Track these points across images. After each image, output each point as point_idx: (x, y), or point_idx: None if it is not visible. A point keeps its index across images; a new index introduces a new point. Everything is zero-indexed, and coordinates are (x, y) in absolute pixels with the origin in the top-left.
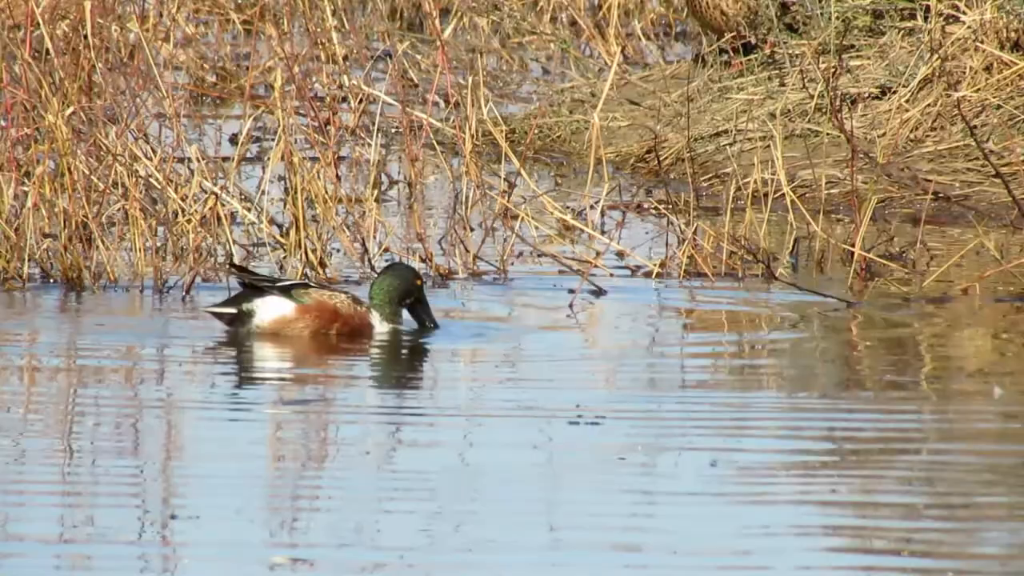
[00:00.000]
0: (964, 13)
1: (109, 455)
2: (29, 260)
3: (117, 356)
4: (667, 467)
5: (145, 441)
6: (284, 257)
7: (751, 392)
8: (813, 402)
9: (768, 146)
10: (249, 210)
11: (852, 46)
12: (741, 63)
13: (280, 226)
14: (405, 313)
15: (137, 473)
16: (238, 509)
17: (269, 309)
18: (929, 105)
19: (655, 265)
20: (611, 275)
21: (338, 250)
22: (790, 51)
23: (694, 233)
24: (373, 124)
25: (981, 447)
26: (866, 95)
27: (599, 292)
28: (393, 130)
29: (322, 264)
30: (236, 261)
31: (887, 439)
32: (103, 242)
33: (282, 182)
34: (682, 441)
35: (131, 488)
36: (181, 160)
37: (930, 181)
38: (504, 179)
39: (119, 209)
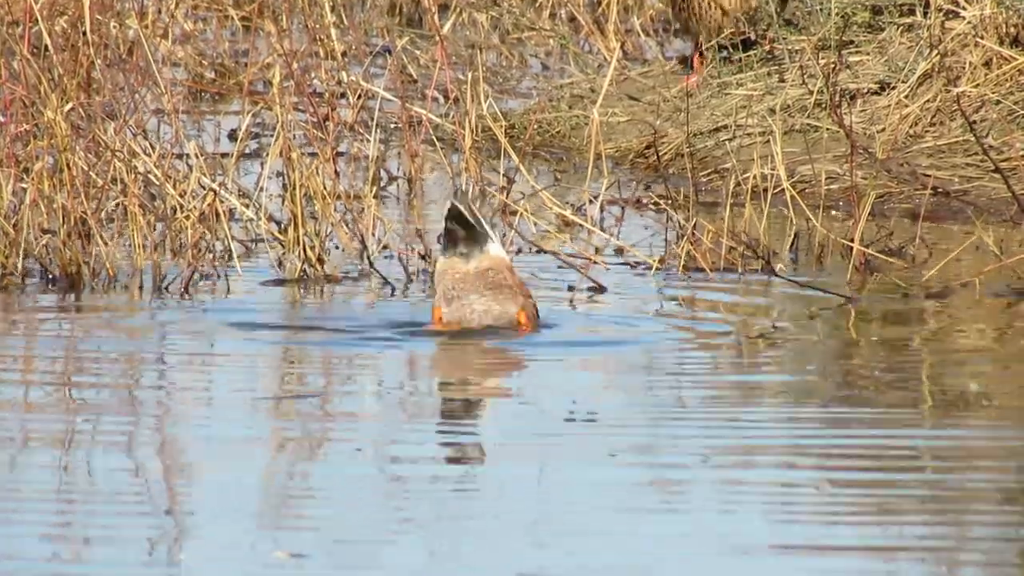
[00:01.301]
0: (964, 8)
1: (105, 454)
2: (27, 256)
3: (114, 355)
4: (661, 464)
5: (142, 440)
6: (283, 253)
7: (747, 387)
8: (810, 398)
9: (767, 142)
10: (247, 206)
11: (851, 42)
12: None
13: (279, 222)
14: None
15: (133, 472)
16: (235, 507)
17: (499, 249)
18: (928, 101)
19: (654, 260)
20: (607, 269)
21: (337, 247)
22: (790, 47)
23: (693, 228)
24: (372, 120)
25: (973, 439)
26: (865, 91)
27: (598, 287)
28: (392, 126)
29: (320, 261)
30: (235, 256)
31: (883, 435)
32: (102, 238)
33: (280, 178)
34: (676, 438)
35: (127, 487)
36: (180, 156)
37: (929, 176)
38: (503, 175)
39: (118, 205)
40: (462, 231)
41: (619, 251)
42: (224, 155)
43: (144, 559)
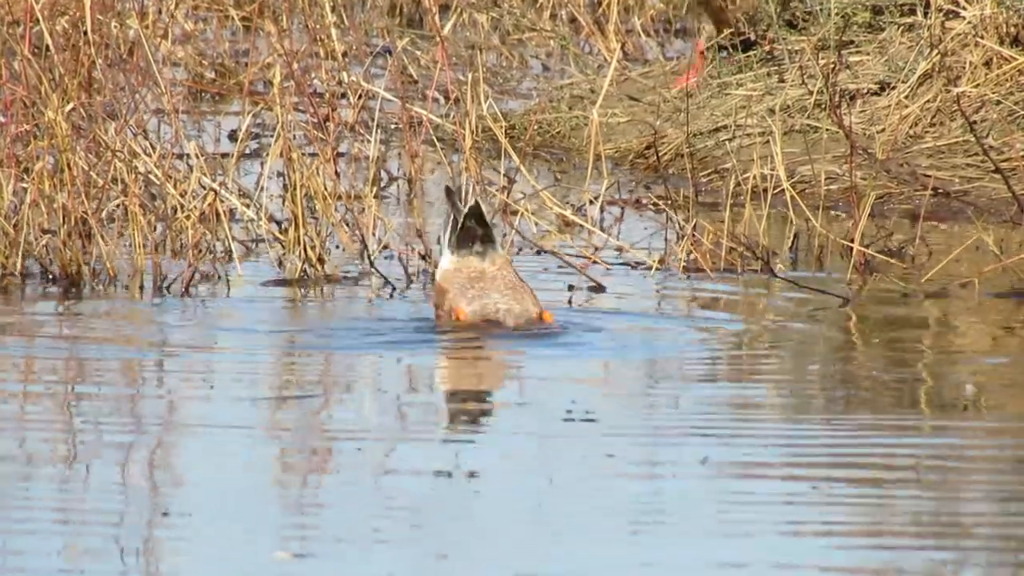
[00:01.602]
0: (964, 8)
1: (103, 457)
2: (28, 256)
3: (112, 357)
4: (657, 463)
5: (140, 442)
6: (283, 253)
7: (747, 387)
8: (809, 399)
9: (767, 142)
10: (248, 206)
11: (851, 42)
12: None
13: (279, 222)
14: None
15: (132, 474)
16: (232, 508)
17: (501, 248)
18: (928, 101)
19: (654, 261)
20: (608, 269)
21: (337, 247)
22: (789, 47)
23: (693, 229)
24: (372, 120)
25: (971, 441)
26: (865, 91)
27: (598, 288)
28: (392, 126)
29: (320, 261)
30: (235, 256)
31: (883, 440)
32: (102, 238)
33: (281, 178)
34: (674, 437)
35: (126, 489)
36: (180, 156)
37: (929, 177)
38: (504, 175)
39: (118, 205)
40: (480, 229)
41: (619, 251)
42: (224, 155)
43: (143, 562)
